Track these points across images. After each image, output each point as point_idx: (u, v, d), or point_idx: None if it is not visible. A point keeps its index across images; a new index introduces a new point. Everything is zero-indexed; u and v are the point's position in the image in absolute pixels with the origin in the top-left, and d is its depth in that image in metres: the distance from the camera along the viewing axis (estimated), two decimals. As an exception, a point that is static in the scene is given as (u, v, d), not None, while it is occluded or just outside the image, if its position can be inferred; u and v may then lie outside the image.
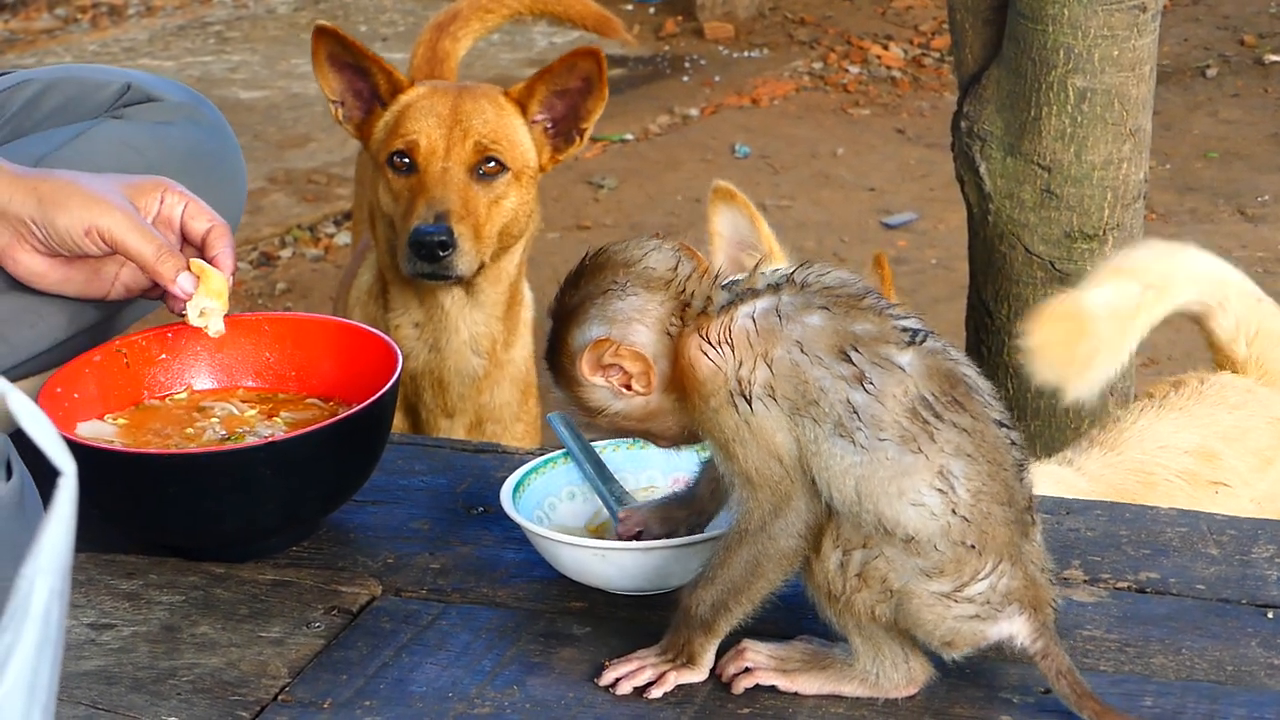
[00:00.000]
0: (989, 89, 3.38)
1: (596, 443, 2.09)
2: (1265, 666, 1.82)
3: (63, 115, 2.36)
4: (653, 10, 7.65)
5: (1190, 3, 7.53)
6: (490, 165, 3.04)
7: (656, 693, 1.77)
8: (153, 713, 1.77)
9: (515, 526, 1.97)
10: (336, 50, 3.07)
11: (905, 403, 1.66)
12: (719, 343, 1.70)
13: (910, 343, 1.68)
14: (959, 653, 1.73)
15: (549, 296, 1.82)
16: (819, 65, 7.10)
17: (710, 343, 1.70)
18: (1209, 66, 6.90)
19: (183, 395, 2.18)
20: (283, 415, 2.14)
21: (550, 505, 2.03)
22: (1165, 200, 5.76)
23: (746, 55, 7.23)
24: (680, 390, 1.73)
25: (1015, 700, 1.76)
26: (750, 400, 1.68)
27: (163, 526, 2.03)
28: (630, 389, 1.74)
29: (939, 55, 7.13)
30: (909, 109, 6.68)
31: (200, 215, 2.11)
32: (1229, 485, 2.70)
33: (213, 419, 2.13)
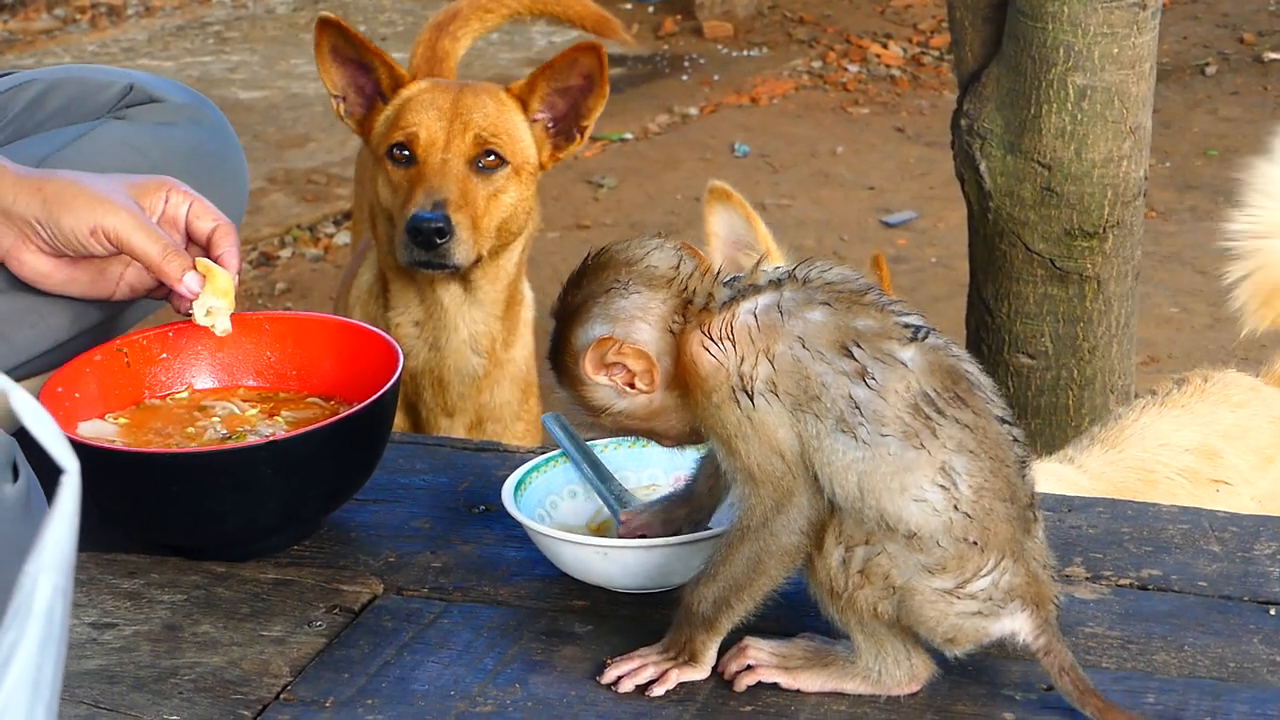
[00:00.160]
0: (989, 87, 3.38)
1: (597, 441, 2.08)
2: (1267, 663, 1.82)
3: (65, 116, 2.36)
4: (651, 9, 7.65)
5: (1189, 0, 7.53)
6: (490, 159, 3.04)
7: (658, 691, 1.77)
8: (154, 712, 1.77)
9: (516, 525, 1.96)
10: (339, 43, 3.08)
11: (907, 398, 1.66)
12: (721, 339, 1.70)
13: (912, 339, 1.68)
14: (961, 650, 1.73)
15: (549, 296, 1.82)
16: (818, 64, 7.10)
17: (712, 339, 1.70)
18: (1208, 64, 6.90)
19: (184, 394, 2.18)
20: (284, 414, 2.14)
21: (552, 504, 2.03)
22: (1165, 198, 5.76)
23: (745, 54, 7.23)
24: (683, 387, 1.73)
25: (1018, 697, 1.76)
26: (752, 396, 1.68)
27: (164, 526, 2.03)
28: (633, 387, 1.74)
29: (938, 54, 7.13)
30: (908, 107, 6.68)
31: (205, 214, 2.11)
32: (1230, 483, 2.70)
33: (214, 418, 2.13)
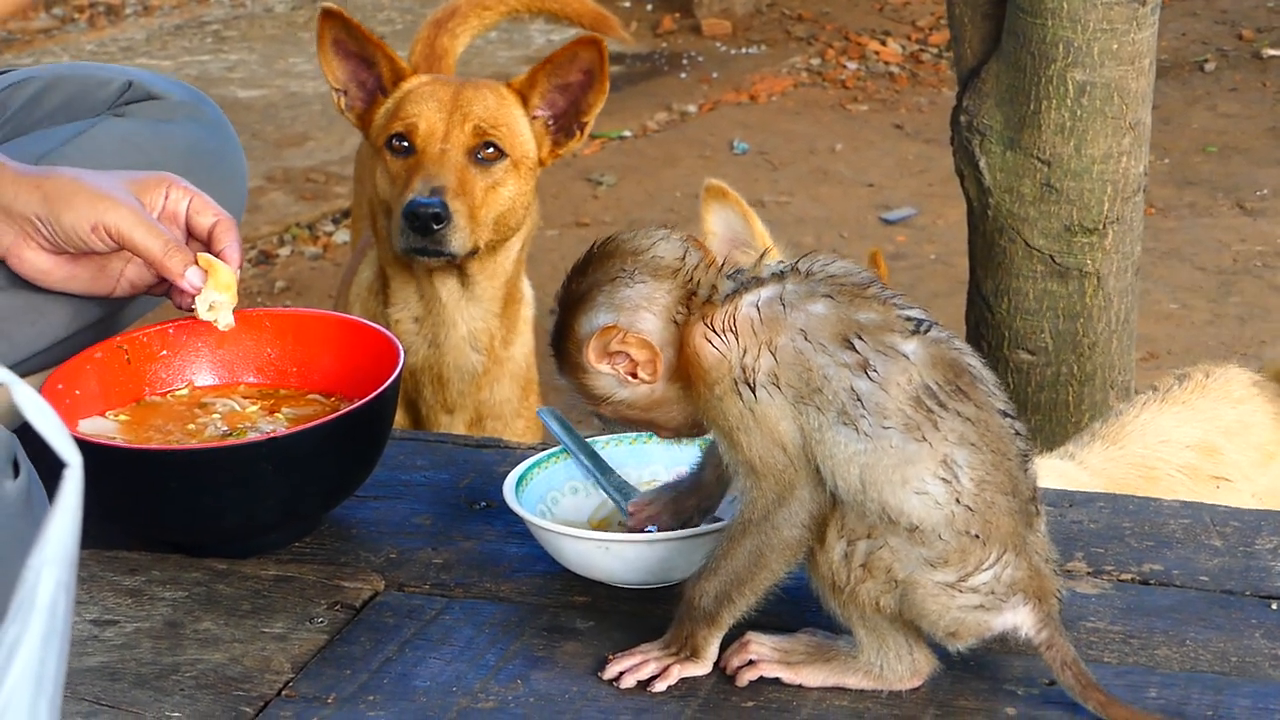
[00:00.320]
0: (988, 83, 3.38)
1: (598, 438, 2.08)
2: (1269, 658, 1.82)
3: (64, 113, 2.35)
4: (650, 7, 7.65)
5: (1188, -3, 7.53)
6: (489, 151, 3.04)
7: (660, 686, 1.76)
8: (156, 708, 1.77)
9: (518, 521, 1.96)
10: (342, 36, 3.07)
11: (909, 391, 1.66)
12: (723, 331, 1.70)
13: (914, 332, 1.68)
14: (963, 644, 1.73)
15: (549, 294, 1.82)
16: (817, 61, 7.09)
17: (715, 331, 1.70)
18: (1207, 61, 6.90)
19: (184, 391, 2.18)
20: (284, 411, 2.13)
21: (553, 499, 2.02)
22: (1164, 194, 5.76)
23: (744, 52, 7.23)
24: (685, 379, 1.73)
25: (1020, 692, 1.76)
26: (754, 388, 1.68)
27: (164, 523, 2.03)
28: (636, 377, 1.74)
29: (937, 51, 7.12)
30: (907, 104, 6.67)
31: (205, 210, 2.10)
32: (1230, 480, 2.70)
33: (214, 415, 2.13)
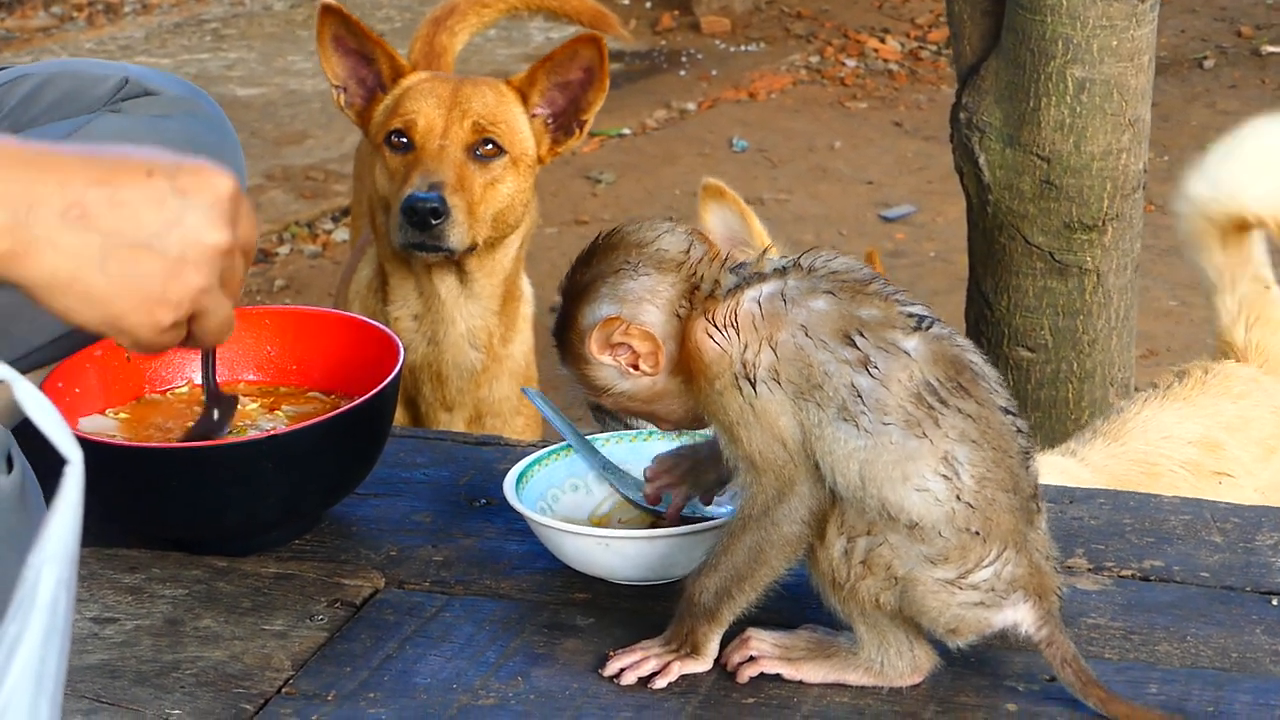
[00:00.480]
0: (988, 80, 3.37)
1: (598, 435, 2.08)
2: (1270, 653, 1.82)
3: (60, 109, 2.35)
4: (649, 5, 7.64)
5: (1187, -6, 7.53)
6: (488, 147, 3.04)
7: (661, 683, 1.76)
8: (156, 706, 1.77)
9: (518, 518, 1.96)
10: (341, 32, 3.08)
11: (910, 387, 1.65)
12: (725, 326, 1.70)
13: (916, 328, 1.68)
14: (963, 640, 1.73)
15: (548, 291, 1.82)
16: (816, 59, 7.09)
17: (716, 326, 1.70)
18: (1206, 58, 6.90)
19: (184, 389, 2.18)
20: (284, 409, 2.13)
21: (553, 497, 2.02)
22: (1164, 191, 5.74)
23: (743, 49, 7.23)
24: (686, 373, 1.73)
25: (1020, 688, 1.76)
26: (755, 383, 1.68)
27: (165, 521, 2.03)
28: (637, 369, 1.74)
29: (935, 48, 7.12)
30: (906, 102, 6.67)
31: (203, 205, 2.10)
32: (1232, 475, 2.69)
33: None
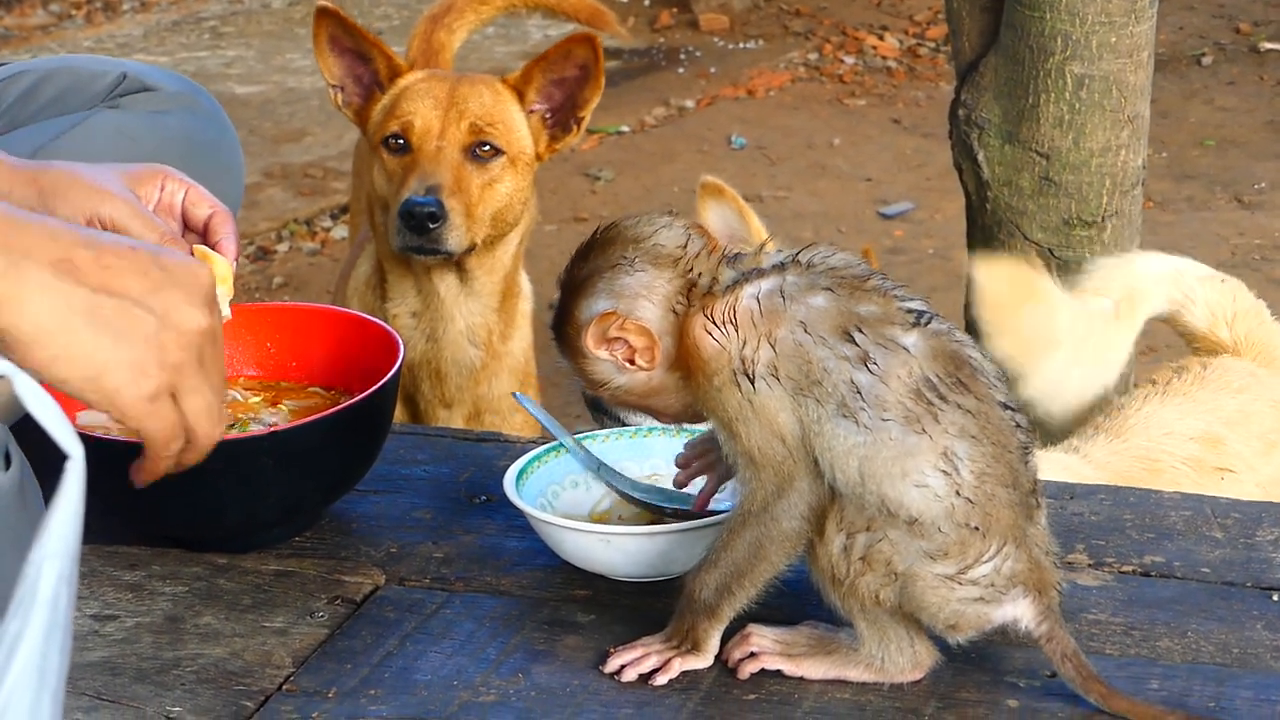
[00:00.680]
0: (987, 76, 3.38)
1: (597, 433, 2.08)
2: (1271, 649, 1.82)
3: (59, 106, 2.35)
4: (648, 2, 7.64)
5: (1185, -9, 7.53)
6: (485, 149, 3.04)
7: (662, 679, 1.76)
8: (157, 703, 1.77)
9: (518, 515, 1.96)
10: (338, 33, 3.08)
11: (909, 383, 1.65)
12: (723, 322, 1.70)
13: (915, 324, 1.68)
14: (964, 636, 1.73)
15: (547, 289, 1.82)
16: (814, 56, 7.09)
17: (715, 322, 1.70)
18: (1204, 54, 6.90)
19: (183, 387, 2.17)
20: (286, 403, 2.13)
21: (553, 493, 2.02)
22: (1162, 188, 5.76)
23: (742, 46, 7.23)
24: (684, 369, 1.73)
25: (1021, 684, 1.76)
26: (753, 380, 1.68)
27: (164, 518, 2.02)
28: (634, 364, 1.74)
29: (934, 45, 7.12)
30: (904, 99, 6.67)
31: (201, 202, 2.10)
32: (1234, 470, 2.70)
33: (215, 408, 2.12)
